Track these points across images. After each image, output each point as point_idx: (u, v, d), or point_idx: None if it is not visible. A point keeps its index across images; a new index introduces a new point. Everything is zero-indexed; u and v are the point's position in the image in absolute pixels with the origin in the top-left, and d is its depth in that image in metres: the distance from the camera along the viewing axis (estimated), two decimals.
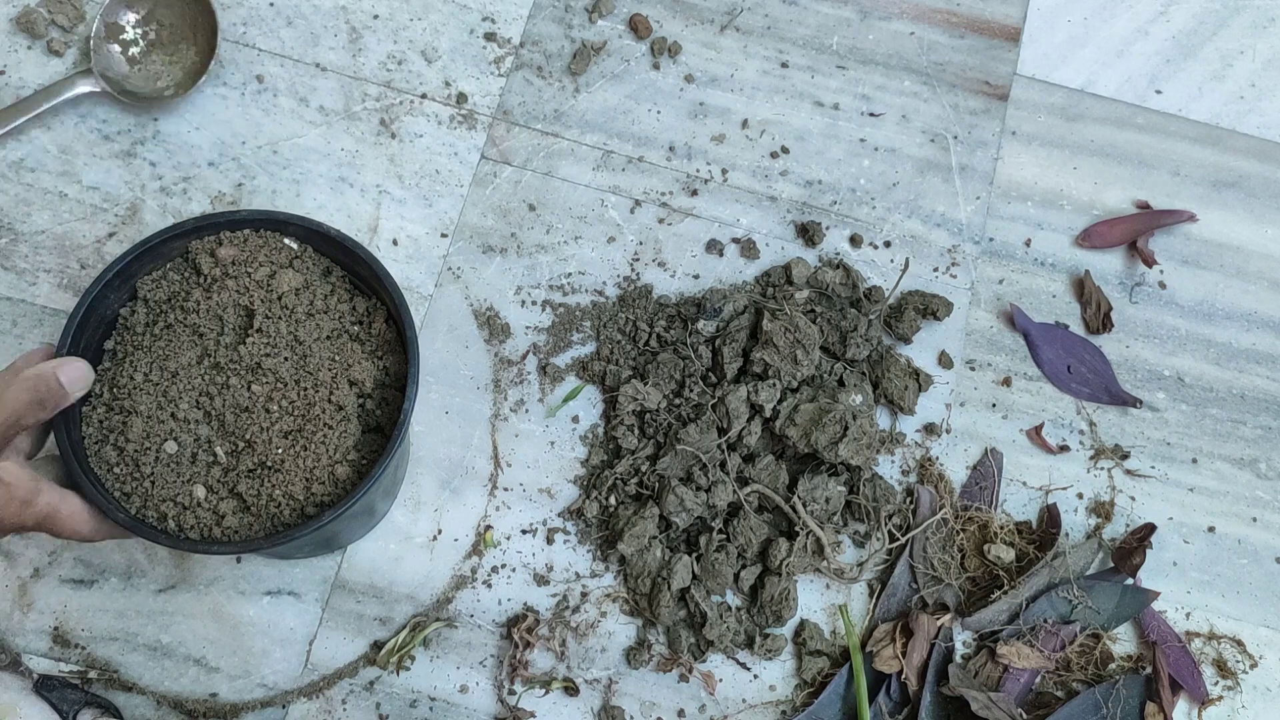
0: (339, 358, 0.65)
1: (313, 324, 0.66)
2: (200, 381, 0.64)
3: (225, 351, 0.64)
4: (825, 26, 0.91)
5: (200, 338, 0.64)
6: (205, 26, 0.84)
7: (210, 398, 0.64)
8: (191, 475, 0.63)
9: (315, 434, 0.63)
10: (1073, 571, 0.77)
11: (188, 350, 0.64)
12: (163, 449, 0.63)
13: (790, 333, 0.78)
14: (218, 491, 0.63)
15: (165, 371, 0.64)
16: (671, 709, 0.75)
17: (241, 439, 0.63)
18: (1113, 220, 0.87)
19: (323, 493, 0.63)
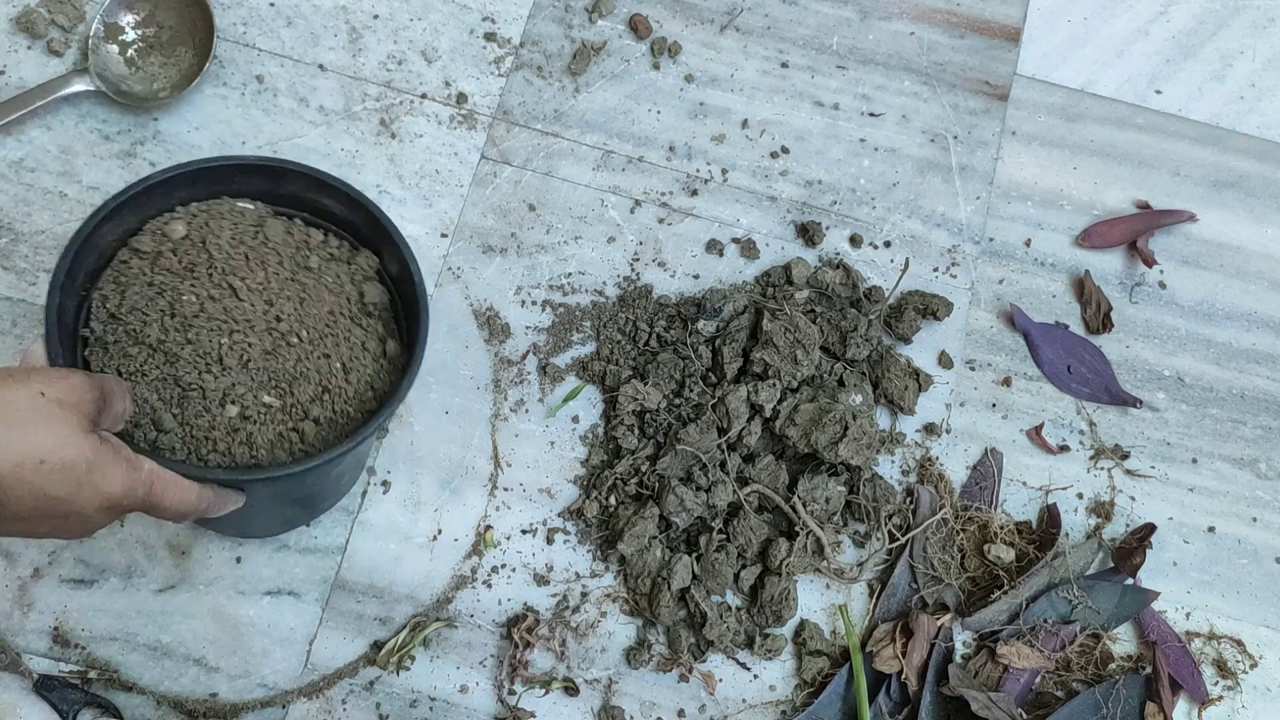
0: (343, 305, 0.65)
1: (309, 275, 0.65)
2: (230, 338, 0.63)
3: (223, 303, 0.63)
4: (825, 26, 0.91)
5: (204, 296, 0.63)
6: (203, 29, 0.84)
7: (240, 349, 0.63)
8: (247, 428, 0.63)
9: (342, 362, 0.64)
10: (1073, 571, 0.77)
11: (197, 307, 0.63)
12: (224, 412, 0.62)
13: (790, 333, 0.78)
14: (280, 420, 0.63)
15: (185, 332, 0.62)
16: (671, 709, 0.75)
17: (281, 382, 0.63)
18: (1113, 220, 0.87)
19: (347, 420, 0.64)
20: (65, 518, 0.53)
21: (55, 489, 0.51)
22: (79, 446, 0.52)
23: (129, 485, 0.54)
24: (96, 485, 0.53)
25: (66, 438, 0.51)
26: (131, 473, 0.54)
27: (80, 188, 0.81)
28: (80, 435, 0.52)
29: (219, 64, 0.85)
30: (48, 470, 0.50)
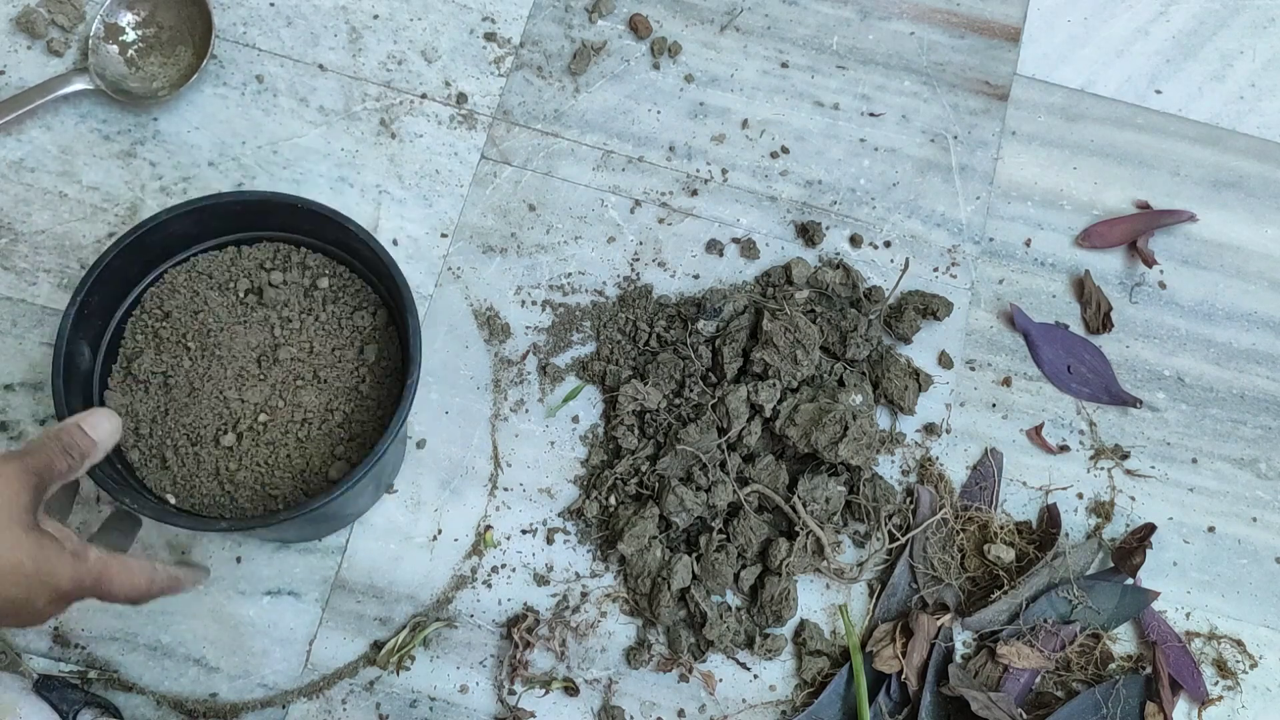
0: (344, 350, 0.70)
1: (318, 323, 0.71)
2: (232, 377, 0.69)
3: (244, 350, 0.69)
4: (825, 26, 0.91)
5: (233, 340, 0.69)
6: (202, 29, 0.84)
7: (239, 391, 0.68)
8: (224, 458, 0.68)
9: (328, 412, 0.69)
10: (1073, 571, 0.77)
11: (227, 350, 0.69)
12: (220, 440, 0.67)
13: (790, 333, 0.78)
14: (242, 466, 0.68)
15: (206, 368, 0.68)
16: (671, 709, 0.75)
17: (263, 425, 0.68)
18: (1113, 220, 0.87)
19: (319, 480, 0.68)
20: (16, 614, 0.53)
21: (6, 591, 0.51)
22: (22, 544, 0.52)
23: (76, 577, 0.54)
24: (44, 581, 0.53)
25: (7, 538, 0.51)
26: (77, 565, 0.54)
27: (80, 187, 0.81)
28: (21, 535, 0.52)
29: (219, 64, 0.85)
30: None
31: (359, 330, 0.70)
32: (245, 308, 0.70)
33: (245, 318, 0.69)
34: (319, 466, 0.67)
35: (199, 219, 0.68)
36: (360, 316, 0.71)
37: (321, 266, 0.71)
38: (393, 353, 0.70)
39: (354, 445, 0.68)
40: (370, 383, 0.69)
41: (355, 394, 0.69)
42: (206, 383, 0.68)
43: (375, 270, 0.70)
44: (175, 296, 0.69)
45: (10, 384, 0.77)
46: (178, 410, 0.68)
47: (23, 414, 0.77)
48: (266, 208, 0.69)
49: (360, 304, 0.71)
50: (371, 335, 0.70)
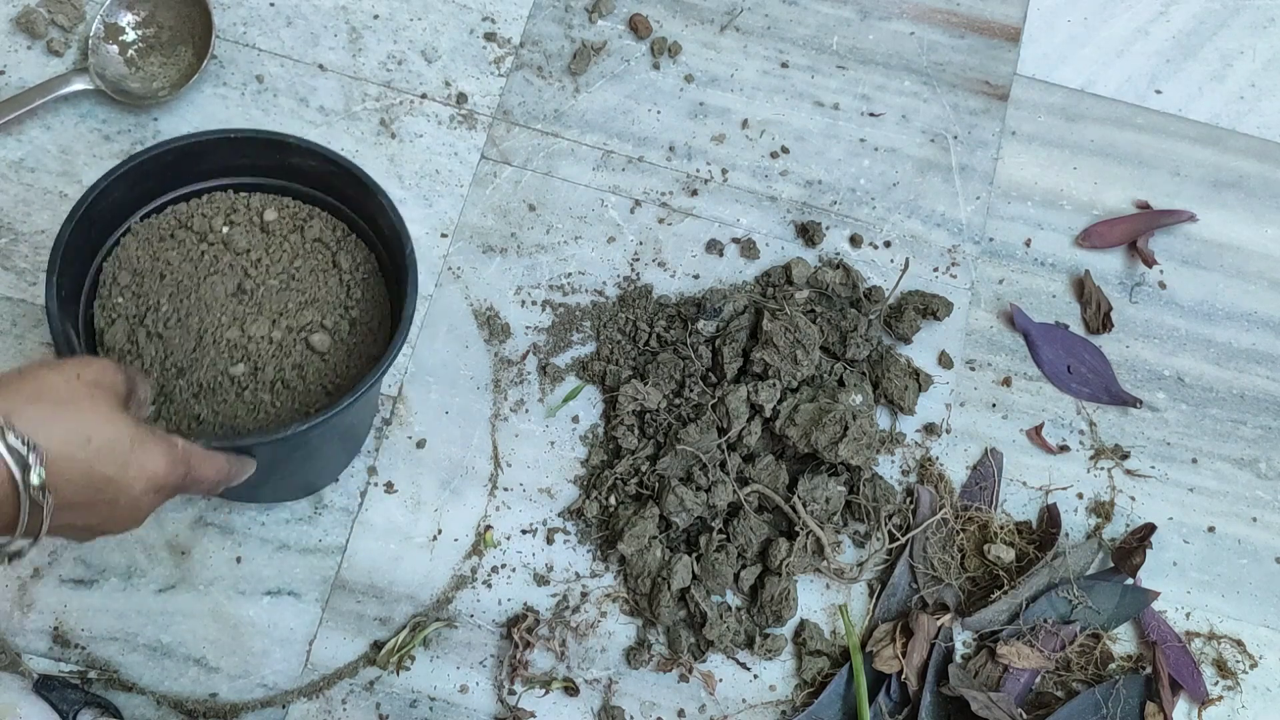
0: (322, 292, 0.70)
1: (299, 259, 0.70)
2: (225, 312, 0.68)
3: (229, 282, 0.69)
4: (825, 26, 0.91)
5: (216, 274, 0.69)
6: (202, 29, 0.84)
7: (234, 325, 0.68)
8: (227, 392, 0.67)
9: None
10: (1073, 571, 0.77)
11: (213, 284, 0.68)
12: (230, 371, 0.67)
13: (790, 333, 0.78)
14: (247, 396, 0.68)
15: (197, 304, 0.68)
16: (671, 709, 0.75)
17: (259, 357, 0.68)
18: (1113, 220, 0.87)
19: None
20: (114, 502, 0.53)
21: (104, 467, 0.51)
22: (121, 424, 0.52)
23: (170, 461, 0.54)
24: (142, 463, 0.53)
25: (108, 416, 0.52)
26: (170, 449, 0.55)
27: (80, 187, 0.81)
28: (120, 414, 0.53)
29: (219, 64, 0.85)
30: (95, 448, 0.51)
31: (340, 267, 0.70)
32: (211, 258, 0.69)
33: (214, 268, 0.68)
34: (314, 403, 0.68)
35: (138, 178, 0.67)
36: (342, 258, 0.70)
37: (268, 203, 0.71)
38: (382, 298, 0.71)
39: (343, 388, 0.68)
40: (360, 328, 0.69)
41: (344, 336, 0.69)
42: (198, 331, 0.67)
43: (361, 208, 0.70)
44: (133, 264, 0.68)
45: None
46: (179, 363, 0.67)
47: None
48: (205, 148, 0.68)
49: (338, 239, 0.71)
50: (354, 276, 0.70)
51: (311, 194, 0.71)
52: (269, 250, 0.69)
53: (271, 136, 0.68)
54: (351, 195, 0.70)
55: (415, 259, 0.66)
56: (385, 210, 0.67)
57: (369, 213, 0.70)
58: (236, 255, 0.69)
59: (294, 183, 0.71)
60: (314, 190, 0.71)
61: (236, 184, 0.71)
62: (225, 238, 0.69)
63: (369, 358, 0.69)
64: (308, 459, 0.72)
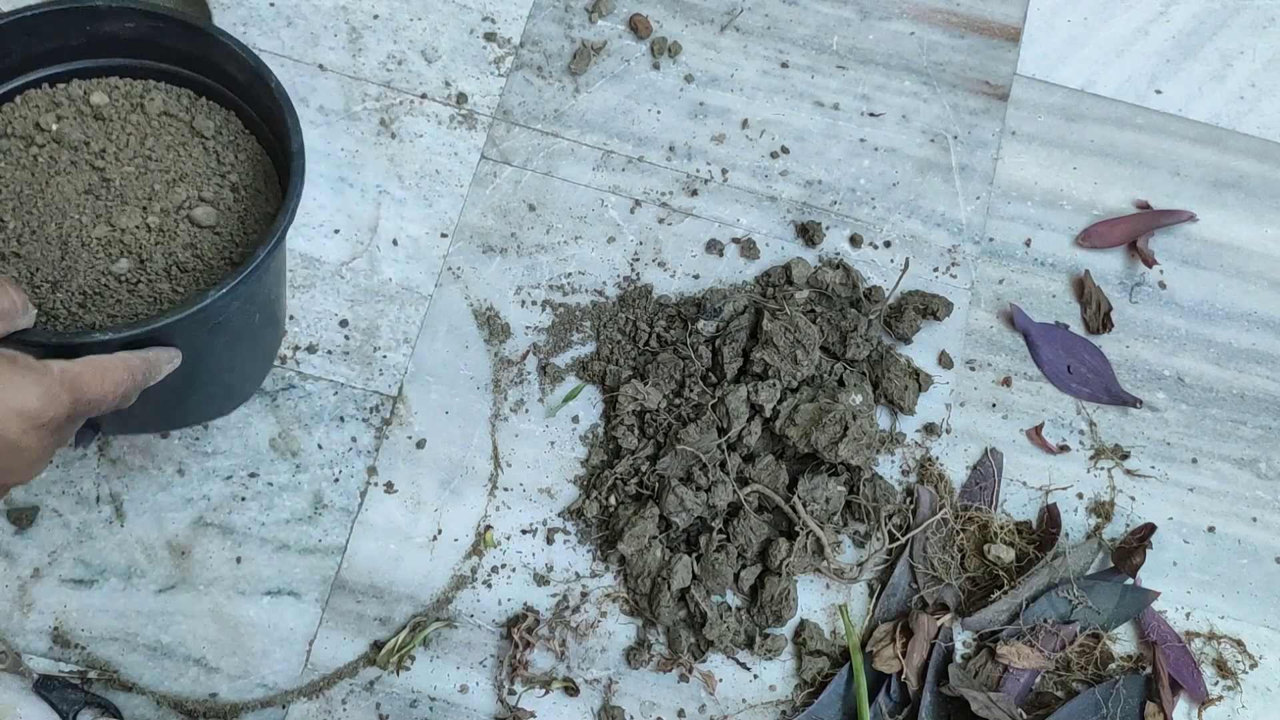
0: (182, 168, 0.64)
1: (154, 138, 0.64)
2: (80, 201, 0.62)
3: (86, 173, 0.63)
4: (825, 26, 0.91)
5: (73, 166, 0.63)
6: None
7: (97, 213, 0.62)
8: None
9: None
10: (1073, 571, 0.77)
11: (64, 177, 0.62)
12: (113, 270, 0.61)
13: (790, 333, 0.78)
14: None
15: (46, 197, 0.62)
16: (671, 709, 0.75)
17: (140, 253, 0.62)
18: (1113, 220, 0.87)
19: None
20: (6, 463, 0.49)
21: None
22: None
23: (44, 392, 0.50)
24: (6, 404, 0.48)
25: None
26: (42, 377, 0.50)
27: None
28: None
29: None
30: None
31: (200, 134, 0.64)
32: (48, 159, 0.62)
33: (54, 169, 0.62)
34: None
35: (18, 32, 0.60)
36: (200, 123, 0.64)
37: (92, 88, 0.64)
38: (259, 154, 0.65)
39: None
40: (245, 190, 0.64)
41: (229, 204, 0.63)
42: (60, 237, 0.61)
43: (204, 64, 0.64)
44: None
45: None
46: (49, 276, 0.60)
47: None
48: (93, 16, 0.61)
49: (187, 106, 0.65)
50: (221, 139, 0.65)
51: (142, 65, 0.64)
52: (111, 136, 0.63)
53: (74, 5, 0.60)
54: (189, 52, 0.63)
55: (286, 94, 0.61)
56: (235, 54, 0.61)
57: (215, 63, 0.63)
58: (75, 151, 0.62)
59: (117, 58, 0.64)
60: (143, 61, 0.64)
61: (51, 75, 0.63)
62: (56, 135, 0.62)
63: (265, 216, 0.63)
64: (232, 348, 0.66)
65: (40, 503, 0.75)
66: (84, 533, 0.75)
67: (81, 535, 0.75)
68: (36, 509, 0.75)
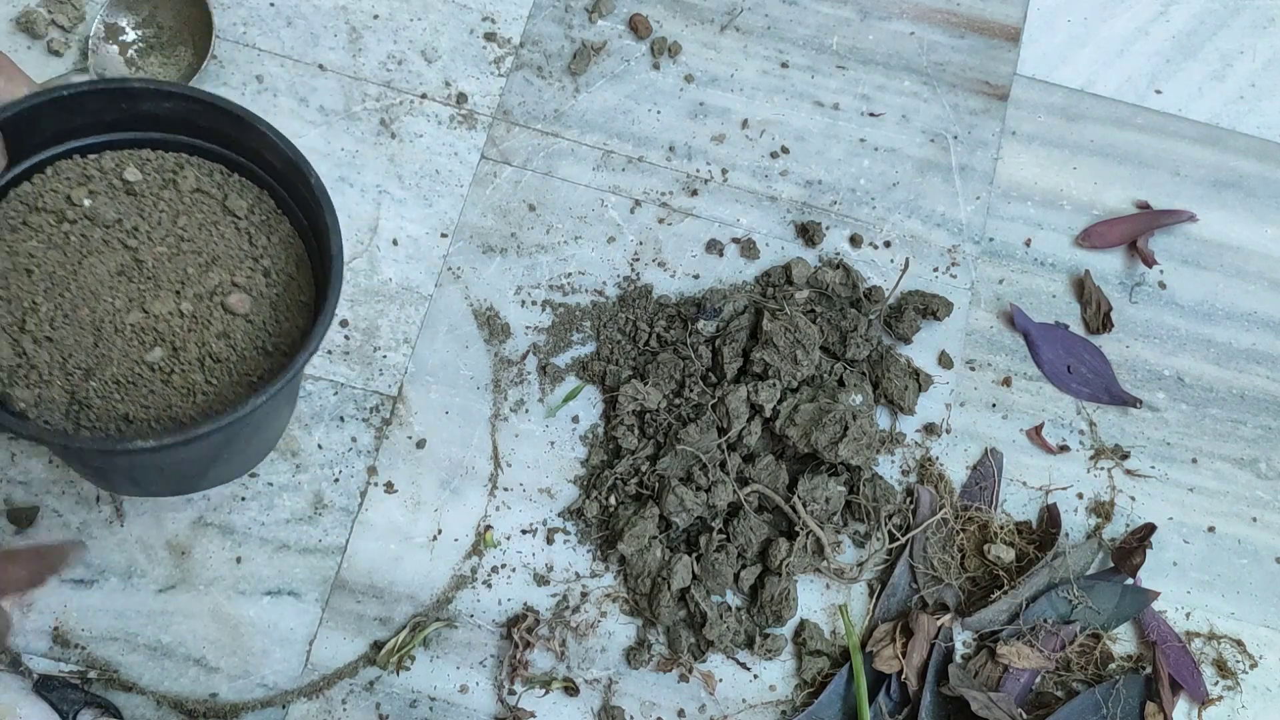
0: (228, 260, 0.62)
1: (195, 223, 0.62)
2: (112, 289, 0.60)
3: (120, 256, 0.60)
4: (825, 26, 0.91)
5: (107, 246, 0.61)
6: (202, 29, 0.84)
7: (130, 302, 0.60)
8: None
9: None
10: (1073, 571, 0.77)
11: (99, 258, 0.60)
12: (146, 359, 0.59)
13: (790, 333, 0.78)
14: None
15: (78, 280, 0.60)
16: (671, 709, 0.75)
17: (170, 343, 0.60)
18: (1113, 220, 0.87)
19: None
20: None
21: None
22: None
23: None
24: None
25: None
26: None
27: None
28: None
29: (219, 64, 0.85)
30: None
31: (233, 214, 0.62)
32: (80, 237, 0.60)
33: (86, 248, 0.60)
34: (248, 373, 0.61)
35: (50, 111, 0.59)
36: (233, 203, 0.62)
37: (124, 161, 0.62)
38: (291, 237, 0.64)
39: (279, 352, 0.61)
40: (278, 275, 0.62)
41: (262, 289, 0.61)
42: (93, 322, 0.59)
43: (240, 145, 0.62)
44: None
45: None
46: (83, 363, 0.59)
47: None
48: (34, 115, 0.59)
49: (219, 184, 0.63)
50: (252, 220, 0.63)
51: (176, 140, 0.63)
52: (144, 214, 0.61)
53: (111, 85, 0.59)
54: (225, 132, 0.62)
55: (324, 186, 0.60)
56: (271, 141, 0.60)
57: (250, 147, 0.62)
58: (108, 229, 0.60)
59: (152, 131, 0.62)
60: (178, 136, 0.63)
61: (82, 146, 0.62)
62: (89, 211, 0.60)
63: (298, 304, 0.62)
64: (257, 428, 0.66)
65: (40, 503, 0.75)
66: (84, 533, 0.75)
67: (81, 535, 0.75)
68: (36, 509, 0.75)
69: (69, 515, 0.75)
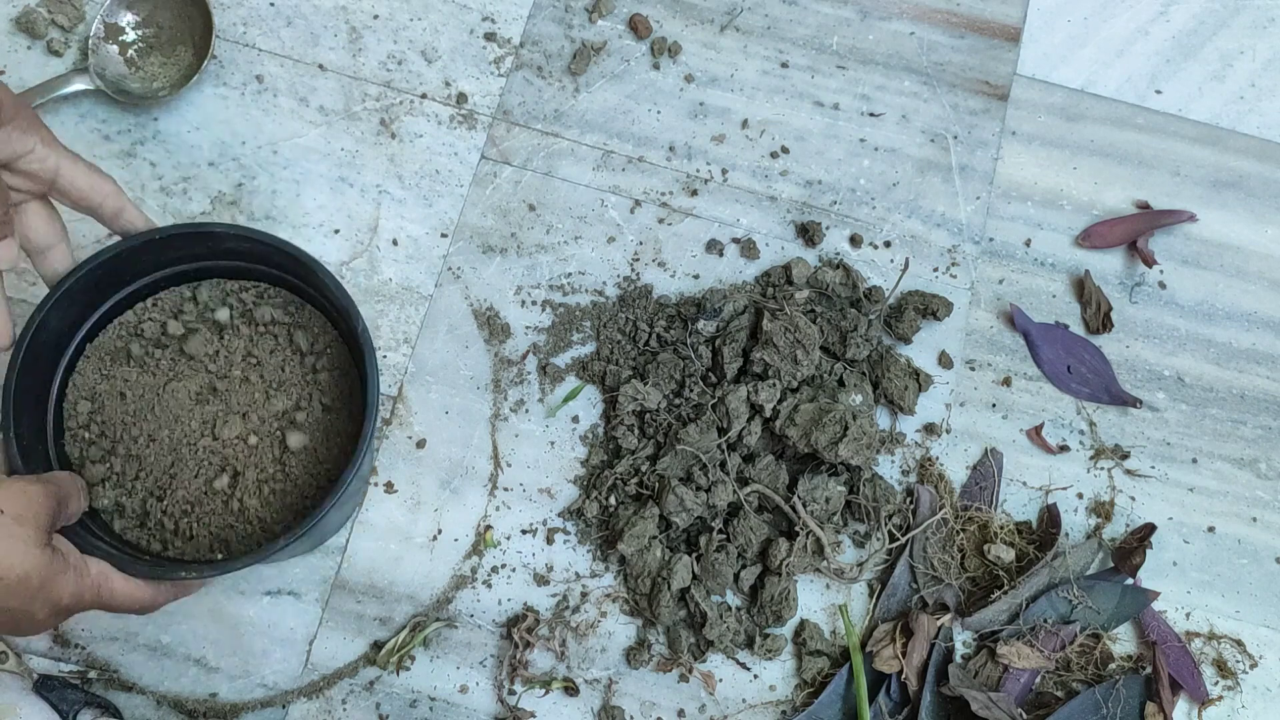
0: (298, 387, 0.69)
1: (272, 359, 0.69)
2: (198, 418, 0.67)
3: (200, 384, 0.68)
4: (825, 26, 0.91)
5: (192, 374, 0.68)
6: (202, 29, 0.84)
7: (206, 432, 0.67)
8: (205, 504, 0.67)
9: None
10: (1073, 571, 0.77)
11: (182, 386, 0.67)
12: (214, 486, 0.66)
13: (790, 333, 0.78)
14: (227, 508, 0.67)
15: (165, 411, 0.67)
16: (671, 709, 0.75)
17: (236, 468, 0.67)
18: (1113, 220, 0.87)
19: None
20: (18, 623, 0.55)
21: (10, 601, 0.53)
22: (35, 562, 0.54)
23: (76, 592, 0.57)
24: (47, 596, 0.55)
25: (24, 554, 0.54)
26: (79, 579, 0.57)
27: None
28: (36, 551, 0.54)
29: (219, 64, 0.85)
30: (4, 586, 0.53)
31: (298, 346, 0.69)
32: (169, 363, 0.68)
33: (172, 373, 0.68)
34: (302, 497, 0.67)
35: (68, 302, 0.66)
36: (298, 335, 0.69)
37: (216, 301, 0.70)
38: (348, 364, 0.70)
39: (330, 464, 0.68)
40: (333, 401, 0.68)
41: (318, 416, 0.68)
42: (171, 444, 0.66)
43: (307, 280, 0.68)
44: (90, 390, 0.67)
45: None
46: (158, 482, 0.66)
47: None
48: (132, 255, 0.66)
49: (290, 315, 0.69)
50: (314, 348, 0.69)
51: (254, 269, 0.70)
52: (225, 343, 0.68)
53: (198, 229, 0.66)
54: (295, 270, 0.68)
55: (369, 334, 0.65)
56: (327, 287, 0.65)
57: (315, 284, 0.68)
58: (191, 359, 0.68)
59: (234, 261, 0.69)
60: (255, 266, 0.69)
61: (176, 274, 0.69)
62: (181, 341, 0.68)
63: (348, 434, 0.68)
64: (307, 540, 0.71)
65: None
66: None
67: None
68: None
69: None
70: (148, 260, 0.67)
